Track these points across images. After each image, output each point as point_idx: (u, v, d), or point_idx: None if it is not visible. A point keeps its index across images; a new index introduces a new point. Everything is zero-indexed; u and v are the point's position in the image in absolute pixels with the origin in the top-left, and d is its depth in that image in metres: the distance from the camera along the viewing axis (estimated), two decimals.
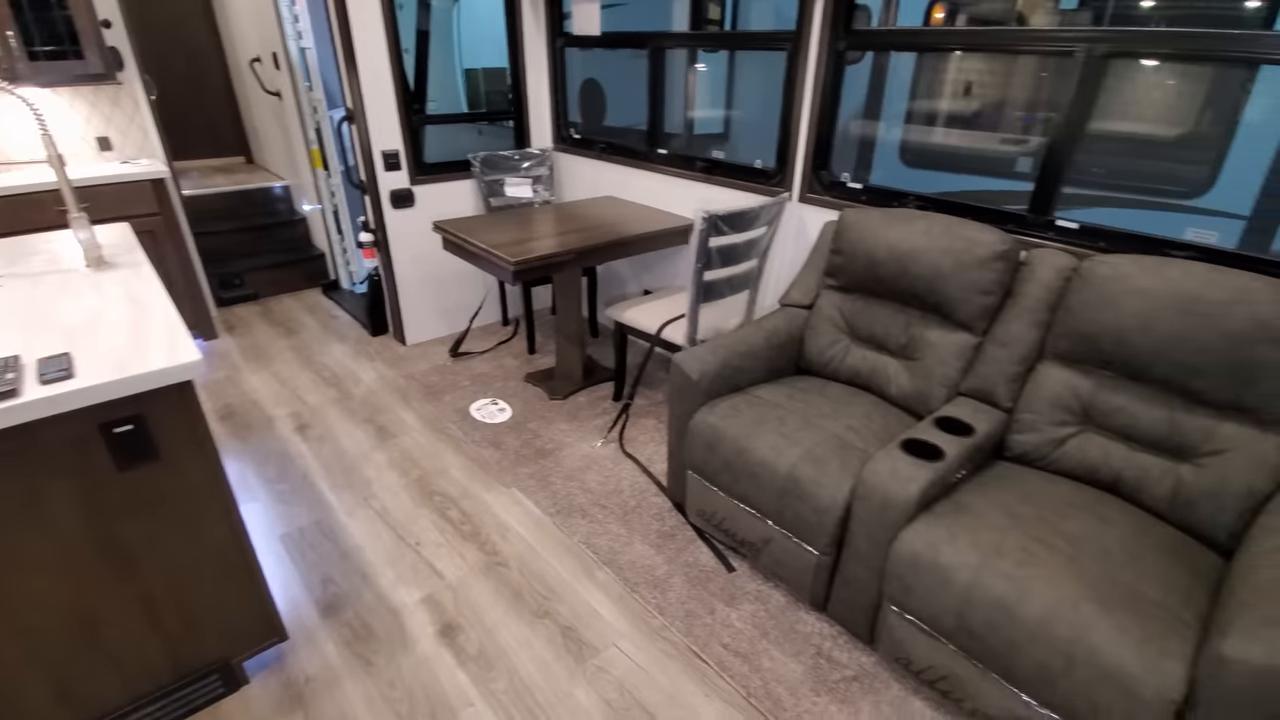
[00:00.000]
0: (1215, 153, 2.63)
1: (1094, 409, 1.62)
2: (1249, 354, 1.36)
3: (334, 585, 1.90)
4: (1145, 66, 2.49)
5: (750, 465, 1.76)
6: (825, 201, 2.34)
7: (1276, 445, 1.39)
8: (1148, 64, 2.45)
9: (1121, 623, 1.20)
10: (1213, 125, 2.59)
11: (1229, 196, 2.62)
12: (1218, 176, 2.67)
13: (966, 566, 1.36)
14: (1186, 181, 2.74)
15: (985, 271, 1.75)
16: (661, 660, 1.68)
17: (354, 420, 2.71)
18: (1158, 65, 2.48)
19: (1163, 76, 2.55)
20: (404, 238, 3.13)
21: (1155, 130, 2.63)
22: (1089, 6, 2.73)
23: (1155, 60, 2.32)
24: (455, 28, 3.60)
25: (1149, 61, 2.40)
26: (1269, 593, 1.14)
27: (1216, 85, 2.49)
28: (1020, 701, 1.33)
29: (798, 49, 2.24)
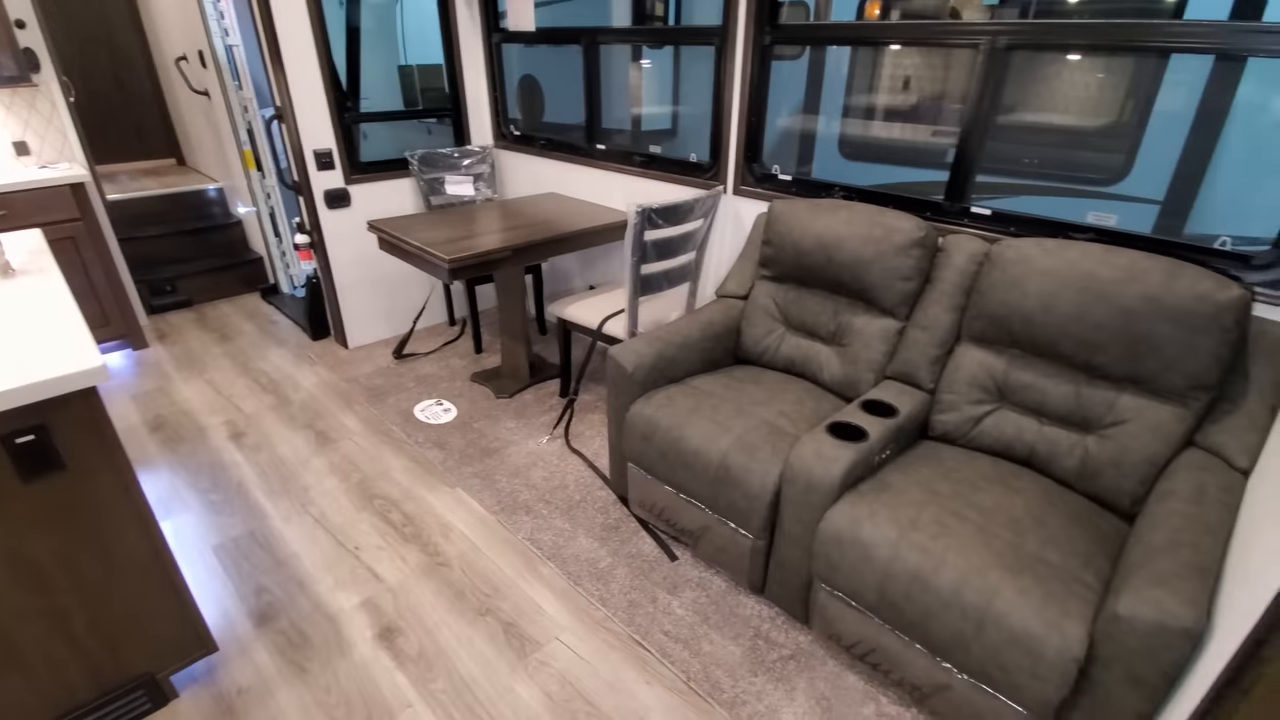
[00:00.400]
0: (1130, 141, 2.76)
1: (1007, 387, 1.70)
2: (1141, 329, 1.44)
3: (268, 594, 1.86)
4: (1059, 58, 2.60)
5: (685, 454, 1.78)
6: (758, 194, 2.38)
7: (1171, 414, 1.48)
8: (1061, 56, 2.56)
9: (1025, 587, 1.26)
10: (1128, 115, 2.72)
11: (1144, 183, 2.76)
12: (1133, 164, 2.81)
13: (885, 541, 1.41)
14: (1104, 169, 2.88)
15: (904, 258, 1.81)
16: (603, 651, 1.70)
17: (292, 426, 2.65)
18: (1071, 57, 2.60)
19: (1076, 67, 2.67)
20: (342, 239, 3.07)
21: (1072, 120, 2.75)
22: (1013, 3, 2.85)
23: (1068, 51, 2.43)
24: (399, 24, 3.54)
25: (1062, 53, 2.52)
26: (1161, 552, 1.21)
27: (1130, 75, 2.62)
28: (940, 668, 1.38)
29: (725, 44, 2.27)
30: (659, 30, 3.27)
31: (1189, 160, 2.46)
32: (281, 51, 2.62)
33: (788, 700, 1.56)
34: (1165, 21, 1.81)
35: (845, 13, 3.36)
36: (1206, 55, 2.10)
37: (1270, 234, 1.53)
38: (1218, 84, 2.26)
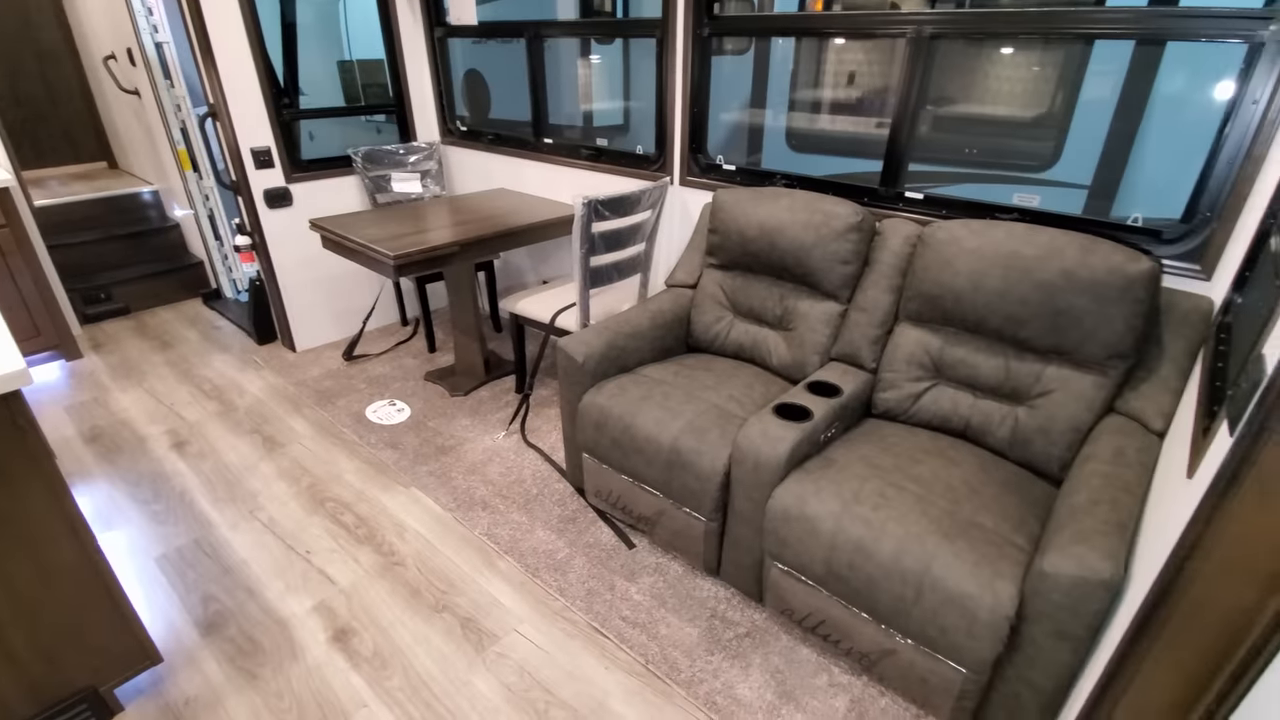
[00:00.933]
0: (1058, 130, 2.89)
1: (943, 363, 1.76)
2: (1061, 302, 1.52)
3: (216, 603, 1.81)
4: (989, 50, 2.70)
5: (637, 441, 1.80)
6: (704, 184, 2.42)
7: (1092, 383, 1.56)
8: (991, 48, 2.66)
9: (960, 551, 1.32)
10: (1056, 105, 2.84)
11: (1073, 168, 2.89)
12: (1062, 151, 2.94)
13: (830, 515, 1.45)
14: (1035, 156, 3.00)
15: (843, 242, 1.86)
16: (562, 640, 1.70)
17: (238, 433, 2.58)
18: (1003, 50, 2.69)
19: (1006, 59, 2.78)
20: (285, 239, 2.99)
21: (1004, 111, 2.86)
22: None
23: (995, 39, 2.52)
24: (342, 18, 3.46)
25: (988, 42, 2.61)
26: (1083, 511, 1.28)
27: (1058, 67, 2.73)
28: (885, 634, 1.44)
29: (665, 36, 2.30)
30: (600, 23, 3.28)
31: (1113, 146, 2.58)
32: (213, 47, 2.54)
33: (743, 676, 1.59)
34: (1088, 9, 1.90)
35: (790, 5, 3.43)
36: (1127, 41, 2.21)
37: (1178, 211, 1.62)
38: (1137, 73, 2.38)
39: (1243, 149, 1.43)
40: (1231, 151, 1.45)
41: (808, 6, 3.31)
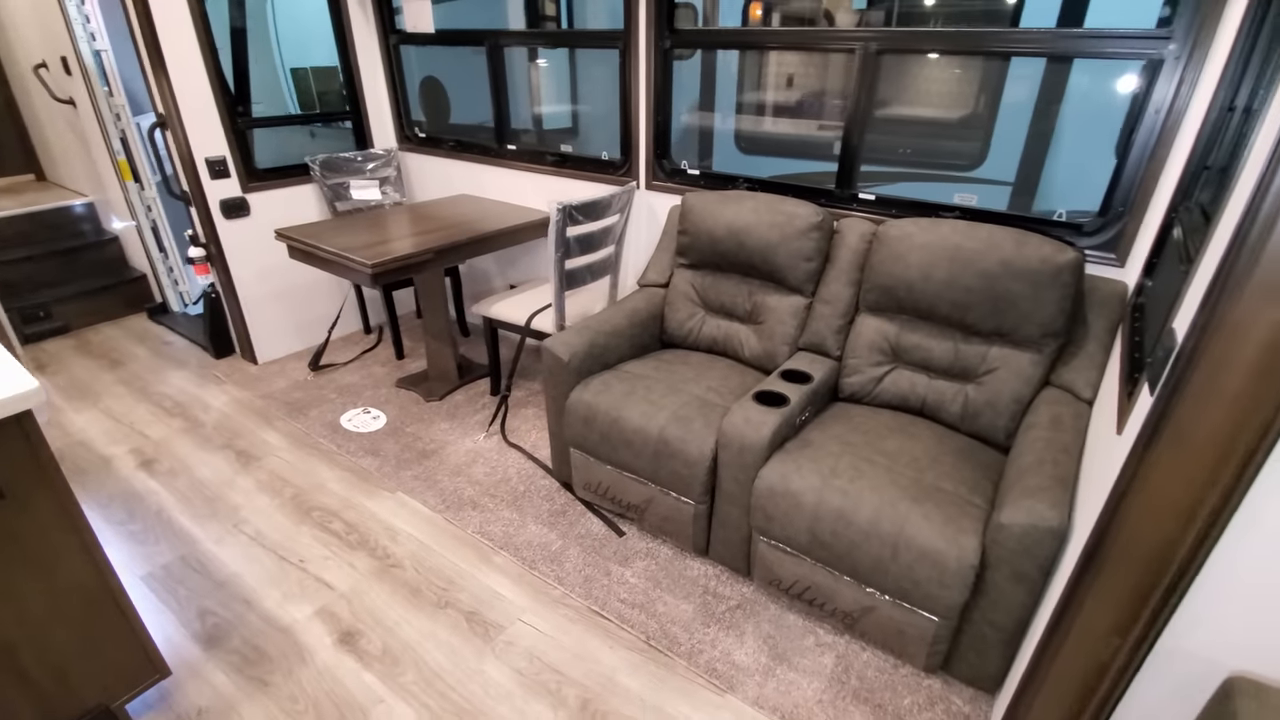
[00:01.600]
0: (984, 132, 3.16)
1: (900, 348, 1.95)
2: (1001, 289, 1.71)
3: (213, 616, 1.81)
4: (927, 62, 2.94)
5: (625, 433, 1.91)
6: (669, 188, 2.54)
7: (1030, 360, 1.77)
8: (924, 58, 2.89)
9: (928, 513, 1.49)
10: (981, 108, 3.11)
11: (998, 168, 3.16)
12: (988, 152, 3.21)
13: (811, 489, 1.60)
14: (967, 157, 3.27)
15: (806, 241, 2.02)
16: (565, 625, 1.79)
17: (208, 448, 2.53)
18: (934, 59, 2.93)
19: (939, 68, 3.02)
20: (243, 249, 2.94)
21: (941, 115, 3.11)
22: (879, 6, 3.17)
23: (928, 54, 2.75)
24: (271, 23, 3.40)
25: (925, 56, 2.84)
26: (1030, 471, 1.47)
27: (982, 73, 2.99)
28: (866, 593, 1.60)
29: (628, 47, 2.40)
30: (563, 33, 3.36)
31: (1032, 146, 2.86)
32: (164, 54, 2.48)
33: (739, 644, 1.73)
34: (1005, 30, 2.13)
35: (731, 12, 3.60)
36: (1040, 59, 2.46)
37: (1096, 207, 1.85)
38: (1051, 80, 2.65)
39: (1147, 151, 1.66)
40: (1138, 154, 1.68)
41: (749, 14, 3.48)
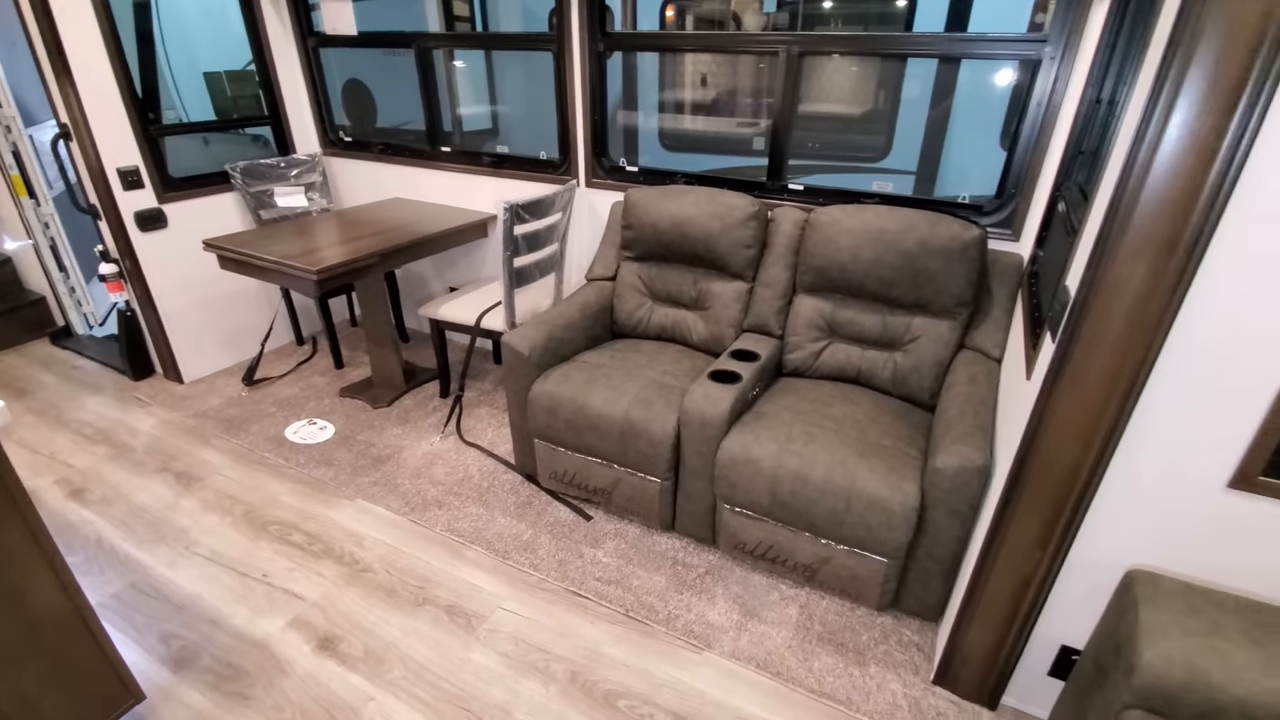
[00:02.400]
0: (888, 126, 3.44)
1: (835, 324, 2.13)
2: (919, 265, 1.92)
3: (178, 639, 1.75)
4: (833, 61, 3.17)
5: (590, 419, 1.99)
6: (609, 185, 2.64)
7: (947, 327, 1.99)
8: (834, 59, 3.12)
9: (874, 466, 1.67)
10: (885, 105, 3.38)
11: (902, 158, 3.45)
12: (892, 144, 3.50)
13: (770, 454, 1.75)
14: (873, 149, 3.55)
15: (744, 229, 2.17)
16: (545, 607, 1.86)
17: (143, 473, 2.41)
18: (842, 60, 3.17)
19: (847, 69, 3.27)
20: (162, 263, 2.80)
21: (848, 110, 3.36)
22: (785, 9, 3.39)
23: (836, 55, 2.98)
24: (156, 25, 3.23)
25: (834, 58, 3.07)
26: (954, 422, 1.67)
27: (884, 74, 3.26)
28: (822, 545, 1.76)
29: (562, 50, 2.48)
30: (494, 36, 3.38)
31: (930, 139, 3.15)
32: (69, 61, 2.33)
33: (711, 606, 1.85)
34: (903, 34, 2.36)
35: (648, 15, 3.73)
36: (932, 59, 2.73)
37: (992, 190, 2.10)
38: (944, 79, 2.94)
39: (1032, 140, 1.91)
40: (1025, 142, 1.93)
41: (664, 18, 3.63)
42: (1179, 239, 1.01)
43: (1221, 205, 0.98)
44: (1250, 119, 0.92)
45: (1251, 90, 0.91)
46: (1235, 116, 0.93)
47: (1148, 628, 1.10)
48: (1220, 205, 0.98)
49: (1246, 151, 0.94)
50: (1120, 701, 1.12)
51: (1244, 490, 1.16)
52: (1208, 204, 0.98)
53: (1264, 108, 0.91)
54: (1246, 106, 0.92)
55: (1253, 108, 0.92)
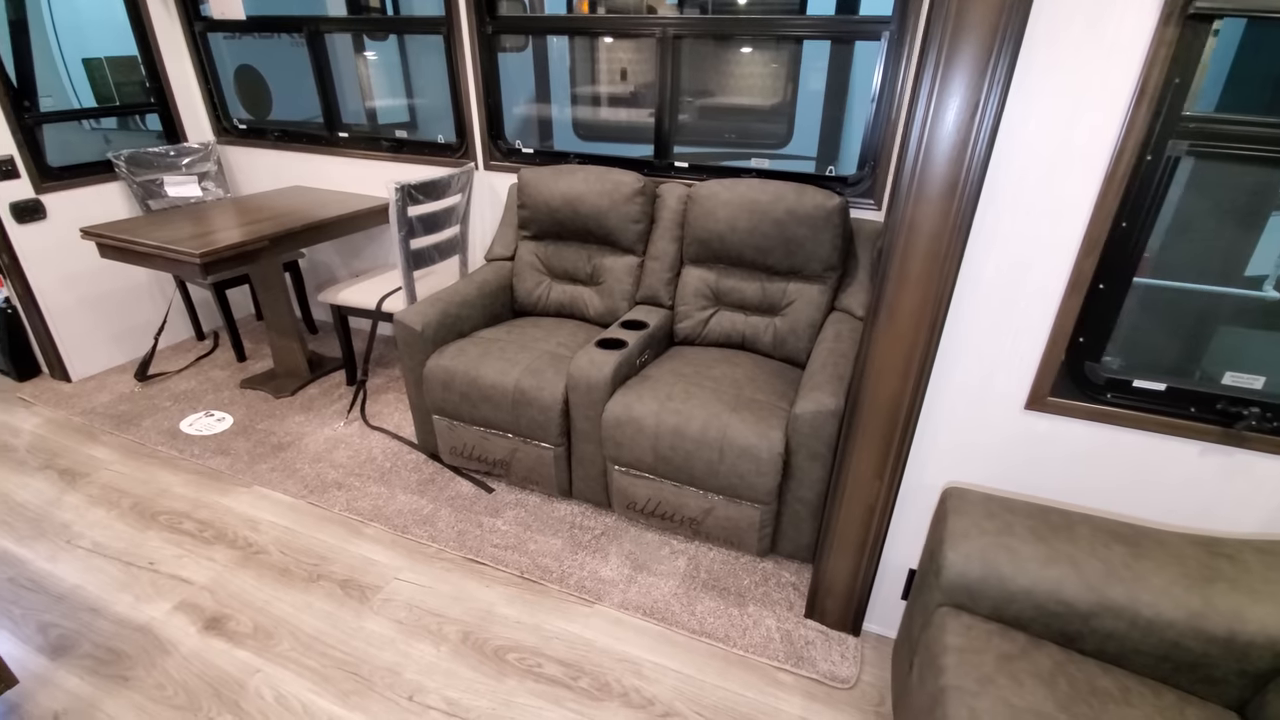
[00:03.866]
0: (788, 116, 3.59)
1: (720, 293, 2.25)
2: (789, 233, 2.05)
3: (56, 629, 1.71)
4: (736, 52, 3.29)
5: (483, 390, 2.04)
6: (507, 167, 2.68)
7: (818, 291, 2.12)
8: (735, 52, 3.24)
9: (744, 419, 1.78)
10: (786, 96, 3.53)
11: (803, 145, 3.61)
12: (793, 132, 3.66)
13: (651, 413, 1.84)
14: (776, 137, 3.70)
15: (632, 205, 2.26)
16: (442, 575, 1.90)
17: (24, 471, 2.32)
18: (745, 53, 3.30)
19: (747, 59, 3.40)
20: (44, 256, 2.68)
21: (751, 102, 3.50)
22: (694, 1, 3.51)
23: (729, 40, 3.09)
24: (48, 11, 3.09)
25: (723, 42, 3.19)
26: (816, 374, 1.80)
27: (786, 64, 3.40)
28: (703, 497, 1.86)
29: (451, 33, 2.51)
30: (384, 20, 3.36)
31: (828, 126, 3.31)
32: None
33: (604, 563, 1.93)
34: (794, 16, 2.49)
35: (559, 5, 3.79)
36: (824, 41, 2.87)
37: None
38: (836, 67, 3.10)
39: (882, 114, 2.06)
40: (878, 117, 2.08)
41: (575, 6, 3.69)
42: (957, 182, 1.15)
43: (987, 150, 1.11)
44: (1001, 74, 1.06)
45: (998, 48, 1.04)
46: (988, 74, 1.06)
47: (953, 533, 1.24)
48: (985, 151, 1.11)
49: (1003, 103, 1.08)
50: (934, 602, 1.25)
51: (1037, 410, 1.31)
52: (972, 149, 1.11)
53: (1011, 63, 1.05)
54: (994, 63, 1.05)
55: (999, 64, 1.05)
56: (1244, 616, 1.07)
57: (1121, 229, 1.13)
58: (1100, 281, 1.18)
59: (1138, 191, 1.10)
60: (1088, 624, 1.14)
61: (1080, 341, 1.24)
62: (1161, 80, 1.03)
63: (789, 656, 1.65)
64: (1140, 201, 1.11)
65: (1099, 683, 1.10)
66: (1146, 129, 1.06)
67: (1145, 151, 1.08)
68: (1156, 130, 1.06)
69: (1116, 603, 1.12)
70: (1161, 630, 1.10)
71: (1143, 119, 1.05)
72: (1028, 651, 1.14)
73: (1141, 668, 1.14)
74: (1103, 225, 1.14)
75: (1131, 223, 1.13)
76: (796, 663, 1.63)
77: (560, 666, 1.63)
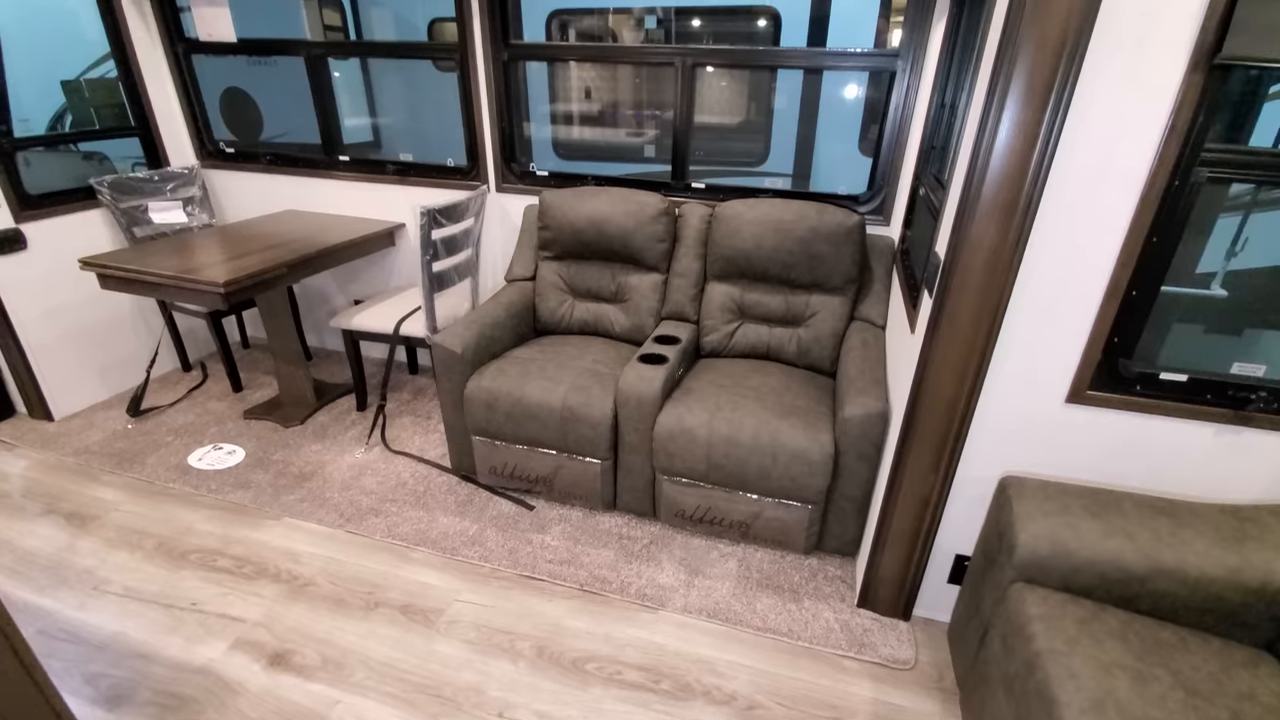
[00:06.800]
0: (766, 135, 3.79)
1: (744, 307, 2.37)
2: (812, 249, 2.20)
3: (107, 678, 1.63)
4: (718, 78, 3.47)
5: (530, 409, 2.08)
6: (519, 189, 2.73)
7: (840, 302, 2.28)
8: (720, 78, 3.41)
9: (793, 424, 1.90)
10: (762, 117, 3.73)
11: (780, 162, 3.81)
12: (770, 150, 3.85)
13: (702, 424, 1.93)
14: (755, 154, 3.89)
15: (656, 225, 2.36)
16: (502, 593, 1.92)
17: (25, 517, 2.18)
18: (727, 78, 3.47)
19: (730, 86, 3.58)
20: (24, 288, 2.53)
21: (733, 122, 3.68)
22: (661, 26, 3.66)
23: (723, 72, 3.26)
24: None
25: (720, 76, 3.36)
26: (854, 379, 1.94)
27: (761, 90, 3.60)
28: (754, 501, 1.96)
29: (466, 60, 2.55)
30: (394, 45, 3.35)
31: (801, 144, 3.52)
32: None
33: (659, 570, 2.00)
34: (771, 48, 2.67)
35: (534, 28, 3.87)
36: (798, 71, 3.08)
37: (855, 185, 2.43)
38: (810, 92, 3.31)
39: (893, 139, 2.25)
40: (888, 141, 2.26)
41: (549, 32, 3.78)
42: (1016, 202, 1.30)
43: (1045, 175, 1.28)
44: (1060, 110, 1.22)
45: (1058, 88, 1.20)
46: (1048, 109, 1.22)
47: (1020, 516, 1.38)
48: (1044, 175, 1.27)
49: (1059, 133, 1.24)
50: (1006, 579, 1.39)
51: (1078, 403, 1.48)
52: (1035, 173, 1.27)
53: (1068, 100, 1.21)
54: (1055, 100, 1.21)
55: (1060, 101, 1.21)
56: (1273, 569, 1.25)
57: (1153, 243, 1.32)
58: (1134, 289, 1.36)
59: (1168, 211, 1.29)
60: (1144, 586, 1.31)
61: (1115, 341, 1.41)
62: (1189, 118, 1.21)
63: (851, 644, 1.76)
64: (1169, 219, 1.30)
65: (1160, 635, 1.26)
66: (1176, 158, 1.25)
67: (1174, 177, 1.26)
68: (1184, 160, 1.25)
69: (1168, 565, 1.29)
70: (1207, 586, 1.28)
71: (1173, 150, 1.24)
72: (1097, 615, 1.29)
73: (1189, 621, 1.32)
74: (1137, 239, 1.32)
75: (1162, 237, 1.31)
76: (859, 650, 1.75)
77: (639, 672, 1.69)
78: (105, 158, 3.02)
